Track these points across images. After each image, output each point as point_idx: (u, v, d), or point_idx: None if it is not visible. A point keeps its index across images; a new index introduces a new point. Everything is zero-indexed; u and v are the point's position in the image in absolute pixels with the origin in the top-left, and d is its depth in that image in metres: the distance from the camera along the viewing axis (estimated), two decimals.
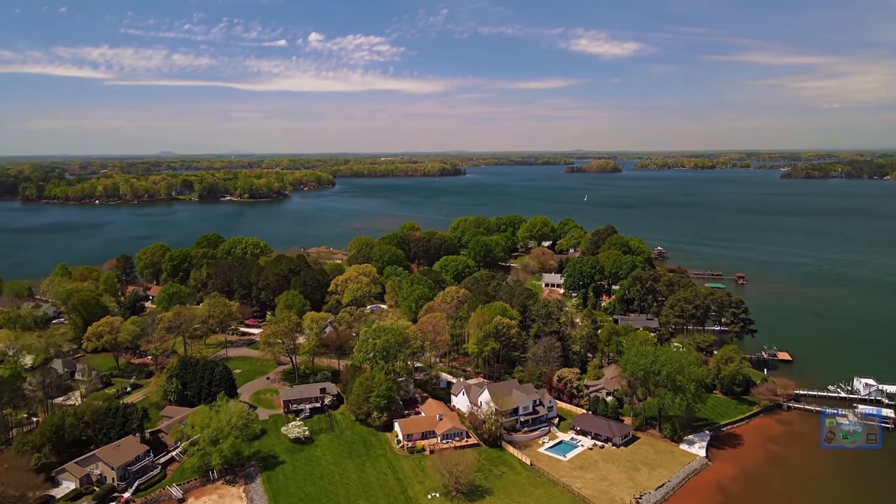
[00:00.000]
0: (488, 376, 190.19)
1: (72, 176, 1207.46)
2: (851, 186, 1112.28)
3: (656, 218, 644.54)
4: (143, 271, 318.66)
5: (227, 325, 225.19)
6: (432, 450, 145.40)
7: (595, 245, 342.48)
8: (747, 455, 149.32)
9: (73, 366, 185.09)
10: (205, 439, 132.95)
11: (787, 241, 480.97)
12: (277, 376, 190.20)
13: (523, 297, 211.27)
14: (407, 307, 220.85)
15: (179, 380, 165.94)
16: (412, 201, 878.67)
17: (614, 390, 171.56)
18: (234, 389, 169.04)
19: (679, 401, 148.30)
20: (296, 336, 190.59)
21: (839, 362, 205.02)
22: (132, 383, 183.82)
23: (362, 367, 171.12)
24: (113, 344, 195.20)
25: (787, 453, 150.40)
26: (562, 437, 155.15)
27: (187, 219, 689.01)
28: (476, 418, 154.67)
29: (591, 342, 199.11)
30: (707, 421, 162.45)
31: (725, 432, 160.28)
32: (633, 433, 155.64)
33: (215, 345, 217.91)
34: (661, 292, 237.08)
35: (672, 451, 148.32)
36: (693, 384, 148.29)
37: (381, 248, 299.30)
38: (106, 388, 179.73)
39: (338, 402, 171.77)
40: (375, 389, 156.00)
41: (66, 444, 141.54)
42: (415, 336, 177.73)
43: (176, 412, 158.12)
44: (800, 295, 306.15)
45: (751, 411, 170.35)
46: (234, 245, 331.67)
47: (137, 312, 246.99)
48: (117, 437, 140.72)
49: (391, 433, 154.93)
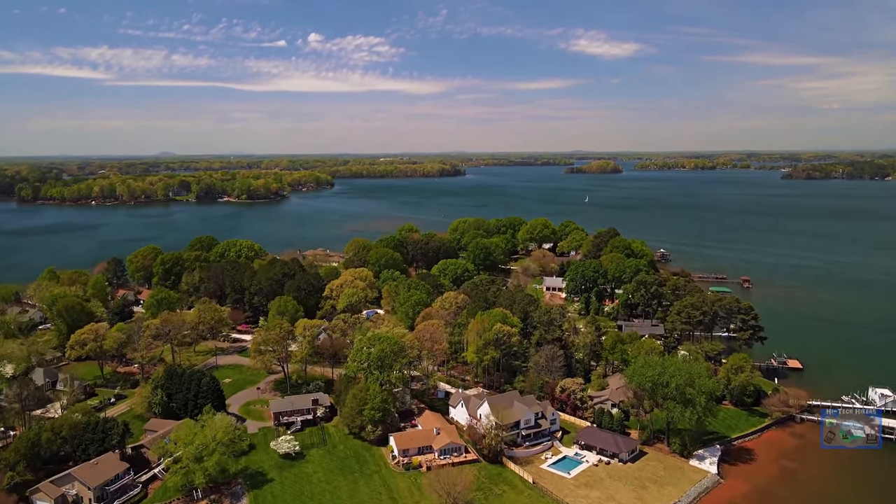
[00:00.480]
0: (488, 386, 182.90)
1: (69, 177, 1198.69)
2: (853, 187, 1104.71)
3: (658, 219, 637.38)
4: (134, 275, 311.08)
5: (218, 331, 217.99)
6: (429, 466, 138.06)
7: (597, 248, 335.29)
8: (760, 471, 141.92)
9: (55, 375, 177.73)
10: (188, 456, 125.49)
11: (791, 242, 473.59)
12: (268, 386, 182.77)
13: (524, 302, 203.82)
14: (404, 313, 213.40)
15: (164, 391, 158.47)
16: (411, 202, 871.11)
17: (620, 401, 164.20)
18: (223, 401, 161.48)
19: (689, 414, 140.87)
20: (288, 344, 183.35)
21: (852, 370, 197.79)
22: (116, 394, 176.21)
23: (356, 377, 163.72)
24: (98, 352, 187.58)
25: (801, 469, 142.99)
26: (565, 451, 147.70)
27: (184, 220, 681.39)
28: (475, 432, 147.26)
29: (595, 350, 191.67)
30: (717, 434, 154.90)
31: (737, 446, 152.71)
32: (641, 448, 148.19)
33: (205, 352, 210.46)
34: (667, 297, 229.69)
35: (682, 468, 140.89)
36: (704, 397, 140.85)
37: (377, 252, 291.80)
38: (89, 398, 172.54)
39: (331, 414, 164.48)
40: (370, 402, 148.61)
41: (42, 461, 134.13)
42: (411, 345, 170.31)
43: (160, 425, 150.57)
44: (807, 299, 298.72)
45: (762, 424, 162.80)
46: (227, 248, 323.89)
47: (126, 318, 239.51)
48: (96, 453, 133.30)
49: (386, 448, 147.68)
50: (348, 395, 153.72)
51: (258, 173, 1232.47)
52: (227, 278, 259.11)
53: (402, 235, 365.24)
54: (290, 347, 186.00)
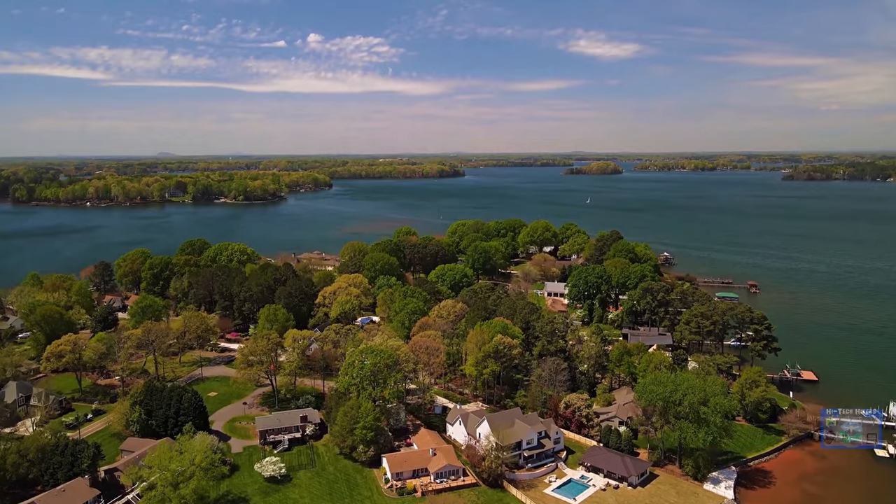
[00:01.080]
0: (488, 400, 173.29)
1: (66, 177, 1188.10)
2: (855, 189, 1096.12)
3: (660, 221, 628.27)
4: (122, 279, 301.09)
5: (205, 340, 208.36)
6: (424, 491, 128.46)
7: (599, 251, 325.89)
8: (781, 497, 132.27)
9: (29, 389, 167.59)
10: (163, 482, 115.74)
11: (797, 245, 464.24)
12: (256, 400, 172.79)
13: (526, 311, 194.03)
14: (399, 322, 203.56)
15: (143, 407, 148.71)
16: (410, 204, 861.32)
17: (628, 418, 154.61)
18: (205, 418, 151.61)
19: (703, 435, 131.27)
20: (276, 355, 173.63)
21: (869, 382, 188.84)
22: (94, 409, 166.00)
23: (348, 392, 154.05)
24: (76, 364, 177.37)
25: (824, 494, 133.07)
26: (570, 474, 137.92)
27: (179, 222, 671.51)
28: (474, 453, 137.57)
29: (601, 362, 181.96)
30: (732, 454, 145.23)
31: (753, 468, 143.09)
32: (651, 469, 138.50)
33: (191, 363, 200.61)
34: (674, 304, 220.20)
35: (696, 493, 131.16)
36: (719, 416, 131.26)
37: (373, 257, 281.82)
38: (65, 414, 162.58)
39: (321, 431, 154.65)
40: (361, 420, 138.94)
41: (9, 486, 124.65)
42: (406, 358, 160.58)
43: (138, 445, 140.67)
44: (817, 305, 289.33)
45: (780, 442, 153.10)
46: (219, 251, 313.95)
47: (111, 326, 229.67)
48: (65, 478, 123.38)
49: (379, 469, 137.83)
50: (339, 413, 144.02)
51: (256, 174, 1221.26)
52: (217, 284, 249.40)
53: (400, 239, 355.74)
54: (279, 358, 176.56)
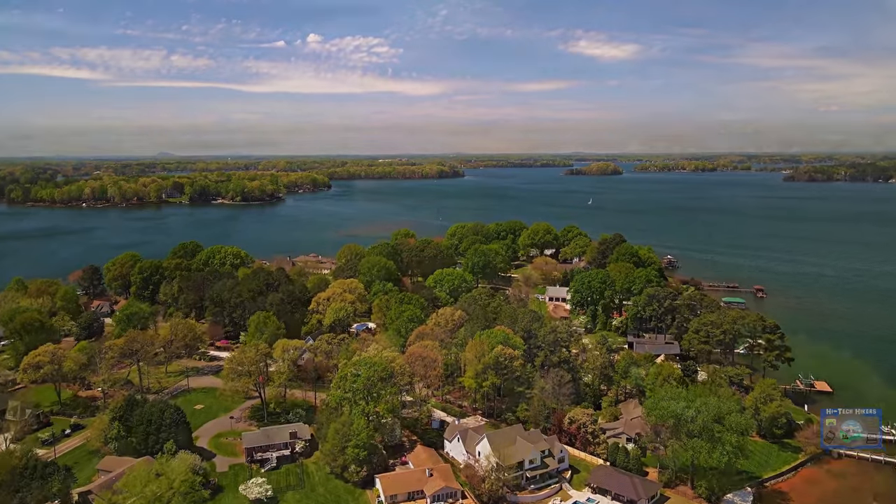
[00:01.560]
0: (487, 413, 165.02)
1: (63, 178, 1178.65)
2: (857, 190, 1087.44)
3: (662, 222, 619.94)
4: (111, 284, 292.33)
5: (193, 348, 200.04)
6: None
7: (602, 255, 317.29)
8: None
9: (5, 402, 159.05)
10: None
11: (802, 248, 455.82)
12: (244, 414, 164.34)
13: (527, 319, 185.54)
14: (395, 330, 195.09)
15: (123, 423, 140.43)
16: (409, 204, 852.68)
17: (636, 434, 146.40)
18: (189, 435, 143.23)
19: (717, 454, 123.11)
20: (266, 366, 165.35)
21: (886, 394, 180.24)
22: (72, 423, 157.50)
23: (340, 406, 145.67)
24: (55, 375, 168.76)
25: None
26: (576, 496, 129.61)
27: (175, 223, 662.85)
28: (473, 473, 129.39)
29: (606, 373, 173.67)
30: (748, 474, 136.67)
31: (770, 489, 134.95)
32: (661, 491, 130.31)
33: (178, 373, 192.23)
34: (682, 311, 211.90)
35: None
36: (734, 436, 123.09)
37: (370, 260, 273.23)
38: (42, 428, 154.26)
39: (311, 448, 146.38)
40: (353, 438, 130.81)
41: None
42: (402, 371, 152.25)
43: (116, 464, 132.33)
44: (826, 310, 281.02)
45: (797, 460, 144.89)
46: (212, 255, 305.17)
47: (97, 333, 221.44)
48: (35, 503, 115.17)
49: (372, 491, 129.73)
50: (330, 430, 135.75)
51: (254, 175, 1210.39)
52: (208, 289, 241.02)
53: (398, 241, 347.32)
54: (269, 368, 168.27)
